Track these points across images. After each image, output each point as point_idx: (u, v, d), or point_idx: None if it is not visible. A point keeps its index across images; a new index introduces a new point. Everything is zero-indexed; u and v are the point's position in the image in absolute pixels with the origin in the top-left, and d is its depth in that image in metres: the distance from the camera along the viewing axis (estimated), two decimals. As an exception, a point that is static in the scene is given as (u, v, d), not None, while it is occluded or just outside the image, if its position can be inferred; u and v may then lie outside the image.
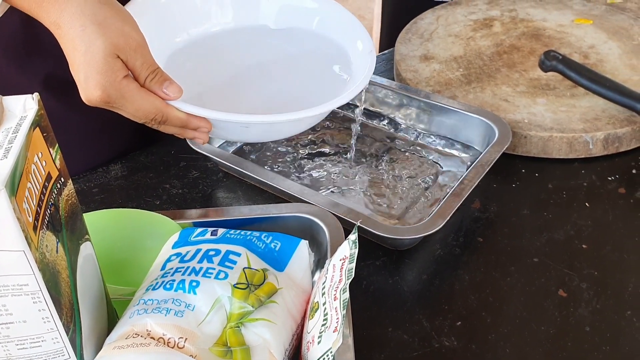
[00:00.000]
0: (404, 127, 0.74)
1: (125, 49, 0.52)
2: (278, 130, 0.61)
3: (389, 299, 0.56)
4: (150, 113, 0.54)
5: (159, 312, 0.44)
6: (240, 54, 0.69)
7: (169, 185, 0.68)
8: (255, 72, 0.68)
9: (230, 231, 0.52)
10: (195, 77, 0.65)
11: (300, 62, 0.69)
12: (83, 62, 0.52)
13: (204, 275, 0.46)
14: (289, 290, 0.49)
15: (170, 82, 0.55)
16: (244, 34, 0.71)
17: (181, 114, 0.56)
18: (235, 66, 0.68)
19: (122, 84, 0.52)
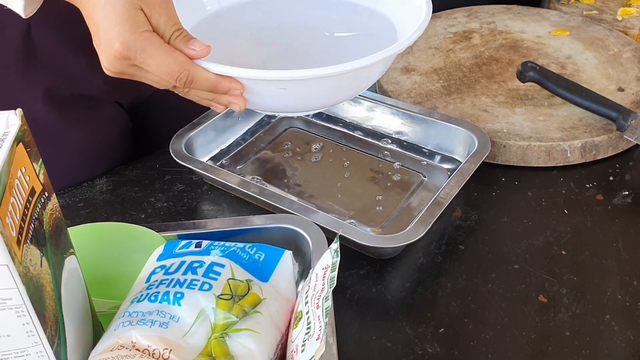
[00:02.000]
0: (386, 138, 0.75)
1: (150, 2, 0.49)
2: (322, 94, 0.55)
3: (372, 307, 0.57)
4: (174, 71, 0.50)
5: (144, 324, 0.44)
6: (274, 22, 0.67)
7: (153, 199, 0.68)
8: (291, 38, 0.65)
9: (215, 243, 0.53)
10: (225, 45, 0.60)
11: (340, 27, 0.66)
12: (103, 15, 0.48)
13: (189, 287, 0.47)
14: (273, 300, 0.49)
15: (196, 40, 0.51)
16: (275, 2, 0.68)
17: (209, 73, 0.51)
18: (268, 33, 0.65)
19: (144, 36, 0.48)
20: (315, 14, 0.69)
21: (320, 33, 0.67)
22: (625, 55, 0.85)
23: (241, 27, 0.66)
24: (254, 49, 0.65)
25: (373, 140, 0.75)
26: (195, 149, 0.70)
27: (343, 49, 0.65)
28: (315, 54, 0.65)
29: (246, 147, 0.75)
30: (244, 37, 0.67)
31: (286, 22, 0.68)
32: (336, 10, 0.68)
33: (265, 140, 0.76)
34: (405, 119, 0.74)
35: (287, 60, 0.64)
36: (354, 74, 0.53)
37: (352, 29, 0.67)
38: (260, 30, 0.68)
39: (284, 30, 0.67)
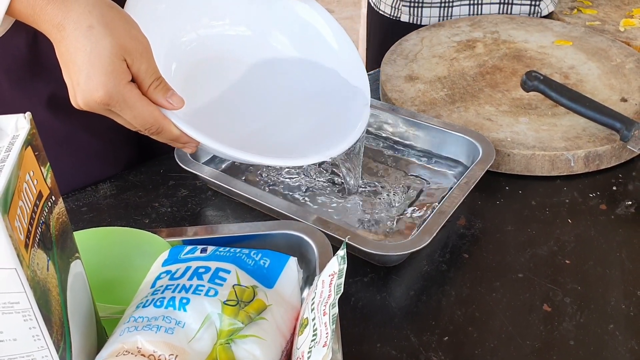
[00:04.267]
0: (390, 145, 0.75)
1: (132, 52, 0.51)
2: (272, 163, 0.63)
3: (377, 314, 0.57)
4: (147, 122, 0.53)
5: (150, 330, 0.44)
6: (245, 69, 0.70)
7: (157, 204, 0.68)
8: (256, 92, 0.69)
9: (220, 248, 0.53)
10: (194, 84, 0.65)
11: (306, 90, 0.70)
12: (87, 61, 0.50)
13: (194, 293, 0.47)
14: (278, 306, 0.49)
15: (173, 92, 0.54)
16: (252, 49, 0.71)
17: (175, 129, 0.55)
18: (235, 81, 0.69)
19: (126, 88, 0.51)
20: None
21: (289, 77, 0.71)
22: (628, 66, 0.85)
23: (213, 60, 0.69)
24: (213, 81, 0.69)
25: (377, 147, 0.75)
26: (199, 154, 0.70)
27: (306, 102, 0.70)
28: (278, 94, 0.70)
29: (250, 153, 0.75)
30: (215, 70, 0.70)
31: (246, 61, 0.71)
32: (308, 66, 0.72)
33: (269, 146, 0.76)
34: (410, 127, 0.74)
35: (252, 98, 0.69)
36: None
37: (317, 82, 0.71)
38: (222, 64, 0.70)
39: (239, 66, 0.71)
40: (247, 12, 0.71)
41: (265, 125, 0.67)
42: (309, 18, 0.71)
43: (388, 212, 0.66)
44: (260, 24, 0.71)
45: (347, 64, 0.70)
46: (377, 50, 1.08)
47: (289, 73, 0.71)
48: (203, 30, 0.69)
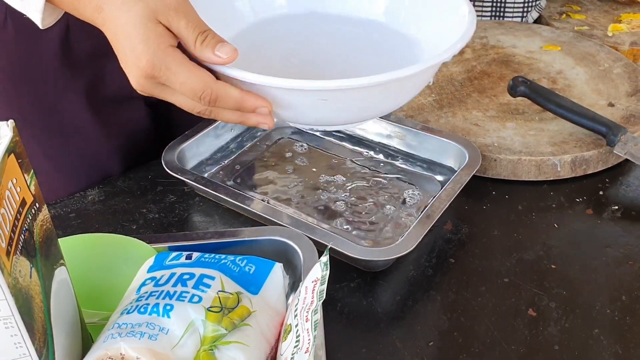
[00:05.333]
0: (377, 150, 0.75)
1: (165, 11, 0.48)
2: (363, 106, 0.53)
3: (363, 320, 0.57)
4: (197, 89, 0.48)
5: (133, 336, 0.44)
6: (302, 37, 0.66)
7: (145, 210, 0.68)
8: (326, 55, 0.65)
9: (205, 255, 0.53)
10: (258, 61, 0.60)
11: (374, 46, 0.65)
12: (125, 34, 0.48)
13: (178, 299, 0.47)
14: (263, 313, 0.49)
15: (223, 44, 0.49)
16: (307, 19, 0.67)
17: (234, 90, 0.49)
18: (303, 50, 0.65)
19: (167, 52, 0.48)
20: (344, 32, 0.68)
21: (350, 51, 0.66)
22: (615, 70, 0.86)
23: (273, 41, 0.66)
24: (285, 62, 0.65)
25: (365, 152, 0.76)
26: (187, 160, 0.71)
27: (368, 65, 0.65)
28: (346, 69, 0.64)
29: (239, 158, 0.75)
30: (275, 51, 0.65)
31: (313, 38, 0.67)
32: (362, 28, 0.67)
33: (258, 151, 0.76)
34: (397, 132, 0.74)
35: (319, 74, 0.61)
36: (400, 83, 0.52)
37: (377, 48, 0.66)
38: (291, 45, 0.67)
39: (311, 45, 0.67)
40: None
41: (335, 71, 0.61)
42: None
43: (375, 218, 0.66)
44: None
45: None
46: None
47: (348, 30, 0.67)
48: None
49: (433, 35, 0.62)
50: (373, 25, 0.67)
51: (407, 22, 0.65)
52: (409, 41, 0.64)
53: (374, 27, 0.66)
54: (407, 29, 0.65)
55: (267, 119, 0.51)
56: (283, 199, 0.69)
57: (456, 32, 0.57)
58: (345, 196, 0.69)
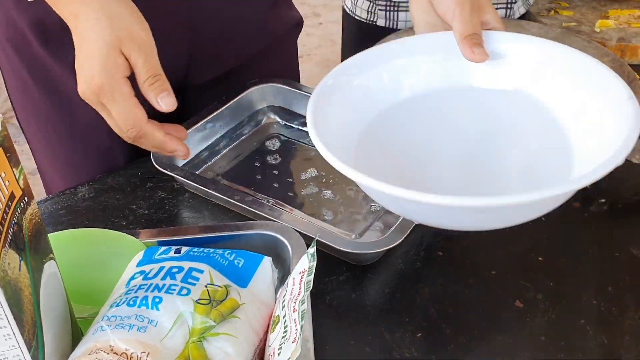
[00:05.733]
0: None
1: (130, 45, 0.54)
2: (516, 216, 0.50)
3: (352, 313, 0.58)
4: (128, 124, 0.55)
5: (122, 328, 0.44)
6: (440, 121, 0.61)
7: (135, 206, 0.69)
8: (457, 141, 0.60)
9: (194, 249, 0.54)
10: (389, 149, 0.58)
11: (518, 129, 0.60)
12: (88, 51, 0.54)
13: (167, 292, 0.47)
14: (252, 305, 0.50)
15: (168, 94, 0.55)
16: (442, 98, 0.62)
17: (159, 134, 0.57)
18: (433, 135, 0.60)
19: (118, 82, 0.54)
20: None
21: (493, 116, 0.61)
22: (602, 66, 0.87)
23: (405, 121, 0.61)
24: (425, 148, 0.60)
25: (354, 149, 0.76)
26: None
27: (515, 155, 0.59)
28: (490, 159, 0.59)
29: (228, 155, 0.75)
30: (408, 129, 0.61)
31: (454, 116, 0.62)
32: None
33: (248, 147, 0.76)
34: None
35: (453, 151, 0.59)
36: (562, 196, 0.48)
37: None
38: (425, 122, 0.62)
39: (451, 123, 0.62)
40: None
41: (475, 169, 0.57)
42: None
43: (364, 212, 0.67)
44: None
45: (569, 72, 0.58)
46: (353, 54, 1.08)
47: (490, 108, 0.61)
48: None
49: (586, 119, 0.55)
50: (518, 98, 0.60)
51: (553, 95, 0.59)
52: (556, 121, 0.58)
53: (519, 101, 0.60)
54: (555, 106, 0.59)
55: (182, 155, 0.60)
56: (272, 194, 0.69)
57: (614, 120, 0.51)
58: (334, 190, 0.70)
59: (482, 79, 0.62)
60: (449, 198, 0.43)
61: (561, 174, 0.54)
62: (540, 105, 0.59)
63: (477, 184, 0.56)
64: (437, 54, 0.62)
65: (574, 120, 0.56)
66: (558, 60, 0.59)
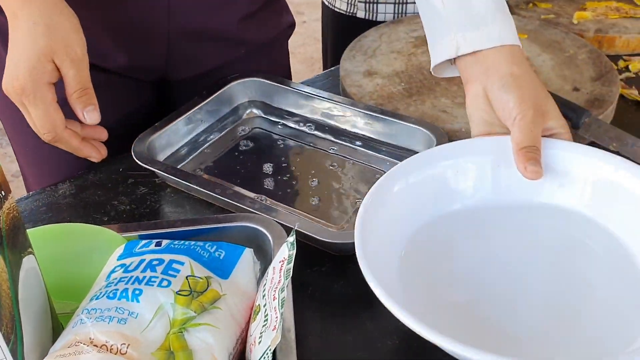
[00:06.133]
0: (348, 138, 0.76)
1: (62, 57, 0.56)
2: None
3: (334, 303, 0.58)
4: (45, 128, 0.57)
5: (102, 321, 0.44)
6: (502, 241, 0.57)
7: (117, 202, 0.68)
8: (523, 267, 0.55)
9: (175, 242, 0.53)
10: (434, 264, 0.56)
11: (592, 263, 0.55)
12: (20, 52, 0.56)
13: (147, 284, 0.47)
14: (233, 296, 0.50)
15: (94, 108, 0.58)
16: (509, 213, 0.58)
17: (75, 141, 0.59)
18: (489, 255, 0.56)
19: (42, 87, 0.56)
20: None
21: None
22: (580, 57, 0.88)
23: (455, 234, 0.59)
24: (471, 258, 0.57)
25: (336, 140, 0.76)
26: (157, 151, 0.71)
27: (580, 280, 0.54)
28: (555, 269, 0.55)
29: (210, 149, 0.75)
30: (459, 245, 0.58)
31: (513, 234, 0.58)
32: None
33: (229, 141, 0.76)
34: (368, 120, 0.75)
35: (517, 282, 0.54)
36: None
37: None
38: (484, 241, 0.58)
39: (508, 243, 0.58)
40: None
41: (545, 306, 0.52)
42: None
43: (345, 204, 0.67)
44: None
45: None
46: (334, 47, 1.09)
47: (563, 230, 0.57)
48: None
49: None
50: (576, 219, 0.58)
51: (612, 217, 0.56)
52: (618, 241, 0.55)
53: (578, 221, 0.57)
54: (615, 227, 0.56)
55: (95, 158, 0.64)
56: (254, 187, 0.69)
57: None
58: (315, 183, 0.70)
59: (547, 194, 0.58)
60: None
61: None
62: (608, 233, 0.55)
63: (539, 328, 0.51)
64: (494, 160, 0.59)
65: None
66: (623, 177, 0.56)
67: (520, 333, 0.50)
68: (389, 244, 0.55)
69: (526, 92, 0.59)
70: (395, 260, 0.55)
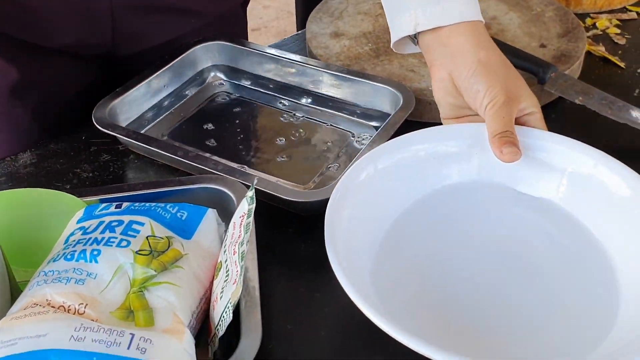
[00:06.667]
0: (315, 99, 0.75)
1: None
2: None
3: (302, 262, 0.58)
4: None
5: (59, 282, 0.44)
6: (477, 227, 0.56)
7: (79, 170, 0.67)
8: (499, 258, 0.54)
9: (135, 204, 0.53)
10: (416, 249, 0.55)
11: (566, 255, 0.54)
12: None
13: (106, 244, 0.46)
14: (196, 256, 0.49)
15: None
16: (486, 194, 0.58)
17: None
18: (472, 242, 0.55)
19: None
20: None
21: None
22: (547, 14, 0.87)
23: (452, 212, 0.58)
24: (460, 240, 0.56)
25: (303, 102, 0.75)
26: (120, 117, 0.69)
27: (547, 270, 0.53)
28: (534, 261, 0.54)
29: (173, 114, 0.74)
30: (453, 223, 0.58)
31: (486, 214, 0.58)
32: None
33: (193, 106, 0.75)
34: (335, 81, 0.74)
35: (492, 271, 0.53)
36: None
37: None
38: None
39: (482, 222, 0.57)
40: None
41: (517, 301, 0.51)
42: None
43: (310, 165, 0.66)
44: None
45: None
46: (304, 12, 1.07)
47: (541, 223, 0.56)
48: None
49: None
50: (551, 210, 0.57)
51: (587, 212, 0.56)
52: (591, 237, 0.55)
53: (552, 214, 0.57)
54: (589, 222, 0.55)
55: None
56: (219, 150, 0.68)
57: None
58: (282, 145, 0.69)
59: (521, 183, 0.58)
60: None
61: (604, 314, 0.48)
62: (577, 222, 0.55)
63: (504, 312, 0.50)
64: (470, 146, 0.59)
65: (619, 248, 0.52)
66: (602, 172, 0.55)
67: (482, 330, 0.49)
68: (361, 237, 0.53)
69: (495, 78, 0.57)
70: (368, 256, 0.53)
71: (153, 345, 0.40)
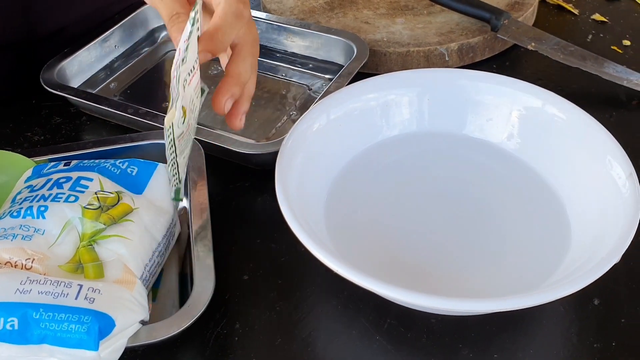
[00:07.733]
0: (269, 54, 0.75)
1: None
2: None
3: (257, 216, 0.58)
4: None
5: (5, 239, 0.43)
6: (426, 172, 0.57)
7: (30, 134, 0.66)
8: (442, 196, 0.55)
9: (84, 161, 0.52)
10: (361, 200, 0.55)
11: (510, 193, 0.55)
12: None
13: (53, 200, 0.46)
14: (147, 210, 0.49)
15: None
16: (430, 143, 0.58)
17: None
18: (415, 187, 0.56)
19: None
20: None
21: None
22: (502, -37, 0.87)
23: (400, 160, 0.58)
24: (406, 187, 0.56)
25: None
26: (69, 78, 0.68)
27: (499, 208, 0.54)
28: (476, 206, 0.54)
29: (125, 74, 0.72)
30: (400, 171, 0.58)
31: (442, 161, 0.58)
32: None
33: (145, 66, 0.74)
34: (288, 35, 0.74)
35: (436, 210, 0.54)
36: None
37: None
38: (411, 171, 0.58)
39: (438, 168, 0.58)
40: None
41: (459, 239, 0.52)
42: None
43: (263, 119, 0.66)
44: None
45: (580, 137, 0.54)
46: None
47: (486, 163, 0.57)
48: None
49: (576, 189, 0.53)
50: (500, 153, 0.58)
51: (535, 154, 0.56)
52: (540, 178, 0.55)
53: (502, 156, 0.57)
54: (537, 163, 0.56)
55: None
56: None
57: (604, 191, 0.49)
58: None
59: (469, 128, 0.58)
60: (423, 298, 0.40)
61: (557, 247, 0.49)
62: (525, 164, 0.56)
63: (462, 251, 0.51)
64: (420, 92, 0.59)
65: (567, 187, 0.53)
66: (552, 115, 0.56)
67: (435, 265, 0.49)
68: (312, 183, 0.53)
69: None
70: (320, 201, 0.53)
71: (102, 295, 0.40)
